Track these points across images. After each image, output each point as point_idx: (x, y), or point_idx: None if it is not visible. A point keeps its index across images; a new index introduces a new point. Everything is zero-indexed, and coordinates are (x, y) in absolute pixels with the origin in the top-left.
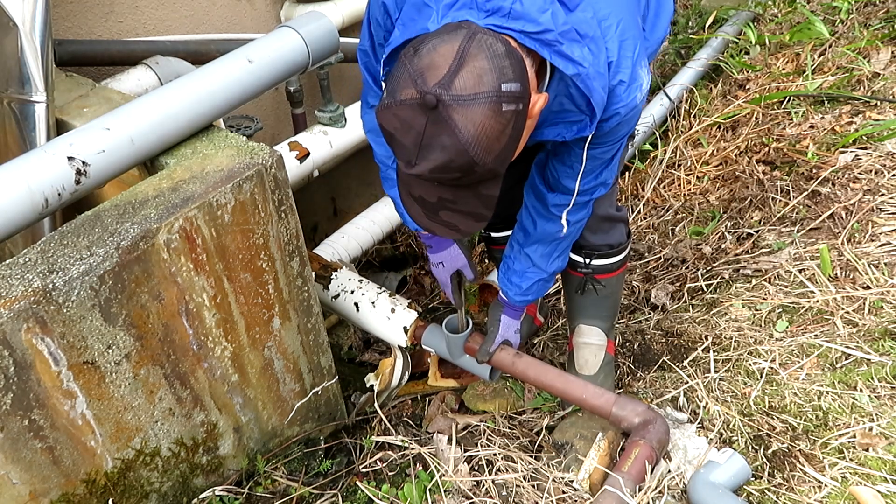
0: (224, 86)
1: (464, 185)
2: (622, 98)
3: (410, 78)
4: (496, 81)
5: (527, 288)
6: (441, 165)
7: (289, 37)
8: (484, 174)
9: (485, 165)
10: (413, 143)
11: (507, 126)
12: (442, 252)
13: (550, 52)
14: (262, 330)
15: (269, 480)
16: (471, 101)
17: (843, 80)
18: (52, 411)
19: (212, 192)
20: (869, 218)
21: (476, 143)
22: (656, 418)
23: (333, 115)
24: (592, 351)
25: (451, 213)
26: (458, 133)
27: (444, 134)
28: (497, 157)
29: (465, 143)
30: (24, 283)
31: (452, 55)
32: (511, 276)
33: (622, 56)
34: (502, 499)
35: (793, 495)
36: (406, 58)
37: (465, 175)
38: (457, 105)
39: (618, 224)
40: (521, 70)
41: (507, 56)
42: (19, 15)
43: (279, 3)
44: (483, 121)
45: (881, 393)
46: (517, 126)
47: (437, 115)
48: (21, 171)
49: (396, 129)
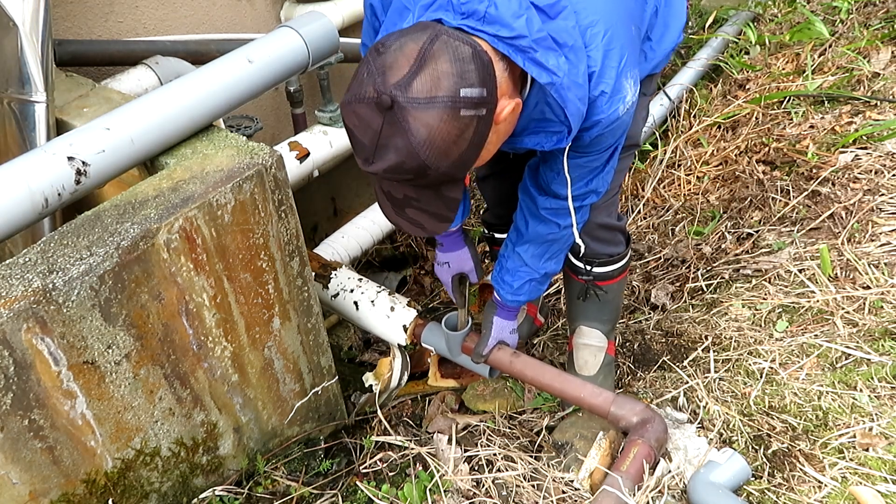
0: (224, 86)
1: (423, 185)
2: (603, 109)
3: (371, 76)
4: (455, 86)
5: (518, 287)
6: (394, 166)
7: (289, 37)
8: (439, 178)
9: (438, 169)
10: (370, 142)
11: (464, 131)
12: (451, 253)
13: (524, 58)
14: (262, 330)
15: (269, 480)
16: (426, 104)
17: (843, 80)
18: (52, 411)
19: (212, 192)
20: (869, 218)
21: (428, 147)
22: (654, 417)
23: (333, 115)
24: (592, 352)
25: (416, 211)
26: (410, 136)
27: (397, 135)
28: (454, 162)
29: (416, 147)
30: (24, 283)
31: (414, 56)
32: (504, 275)
33: (606, 66)
34: (502, 499)
35: (793, 495)
36: (371, 55)
37: (417, 177)
38: (411, 108)
39: (616, 233)
40: (485, 75)
41: (473, 60)
42: (19, 15)
43: (279, 3)
44: (437, 125)
45: (881, 393)
46: (479, 131)
47: (393, 116)
48: (21, 171)
49: (356, 126)
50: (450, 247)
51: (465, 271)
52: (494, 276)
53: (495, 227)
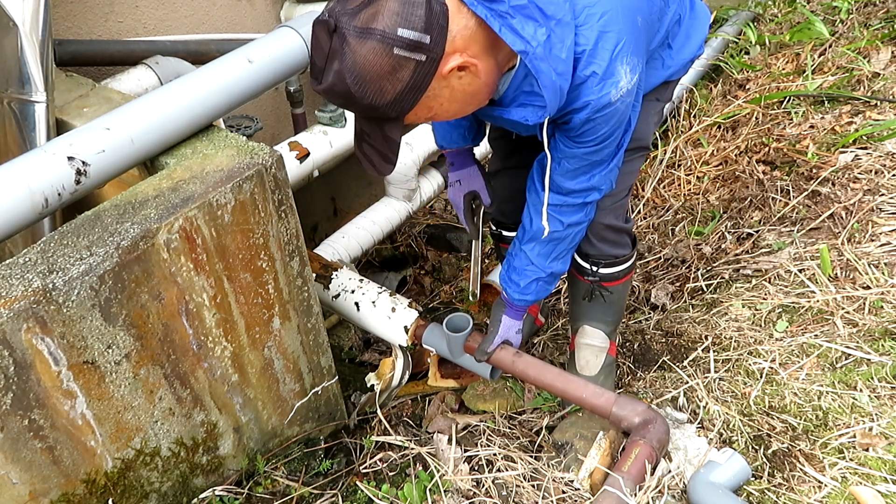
0: (224, 86)
1: (367, 118)
2: (593, 90)
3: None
4: (393, 24)
5: (525, 286)
6: (329, 87)
7: (289, 37)
8: (368, 110)
9: (364, 101)
10: (320, 62)
11: (397, 70)
12: (461, 171)
13: (501, 23)
14: (262, 330)
15: (269, 480)
16: (361, 34)
17: (843, 80)
18: (52, 411)
19: (212, 192)
20: (869, 218)
21: (355, 76)
22: (656, 418)
23: (333, 115)
24: (594, 352)
25: (367, 146)
26: (343, 61)
27: (336, 59)
28: (388, 100)
29: (344, 72)
30: (24, 283)
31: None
32: (511, 274)
33: (599, 47)
34: (502, 499)
35: (793, 495)
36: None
37: (348, 104)
38: (348, 35)
39: (623, 235)
40: (432, 22)
41: (423, 5)
42: (19, 15)
43: (279, 3)
44: (367, 56)
45: (881, 393)
46: (416, 77)
47: (336, 40)
48: (21, 171)
49: (313, 45)
50: (460, 165)
51: (476, 189)
52: (502, 275)
53: (503, 224)
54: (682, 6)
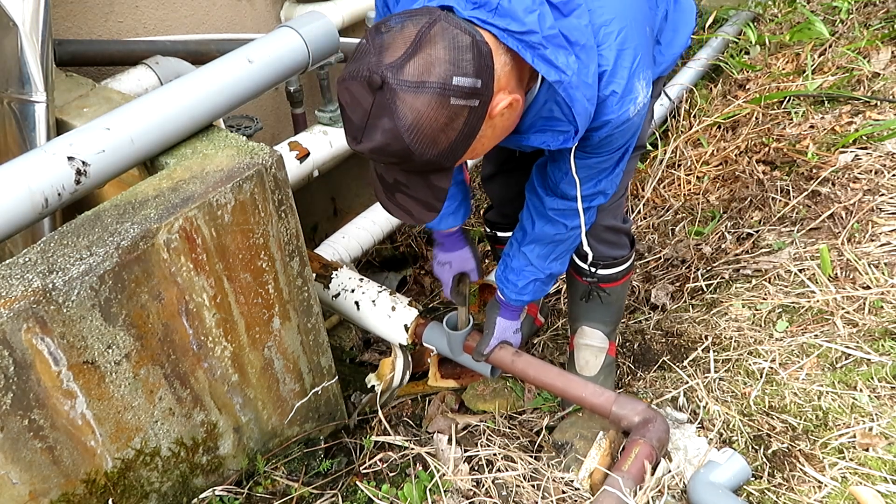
0: (224, 86)
1: (411, 171)
2: (613, 109)
3: (368, 55)
4: (448, 73)
5: (522, 287)
6: (379, 147)
7: (289, 37)
8: (425, 165)
9: (423, 156)
10: (359, 121)
11: (453, 120)
12: (453, 253)
13: (533, 54)
14: (262, 330)
15: (269, 480)
16: (415, 88)
17: (843, 80)
18: (52, 411)
19: (212, 192)
20: (869, 218)
21: (414, 132)
22: (656, 417)
23: (333, 115)
24: (593, 352)
25: (405, 197)
26: (397, 118)
27: (385, 116)
28: (442, 150)
29: (401, 130)
30: (24, 283)
31: (412, 38)
32: (508, 274)
33: (618, 66)
34: (502, 499)
35: (793, 495)
36: (371, 33)
37: (402, 161)
38: (400, 90)
39: (621, 235)
40: (482, 66)
41: (470, 49)
42: (19, 15)
43: (279, 3)
44: (425, 110)
45: (881, 393)
46: (470, 122)
47: (383, 96)
48: (21, 171)
49: (347, 103)
50: (451, 247)
51: (467, 270)
52: (498, 275)
53: (499, 225)
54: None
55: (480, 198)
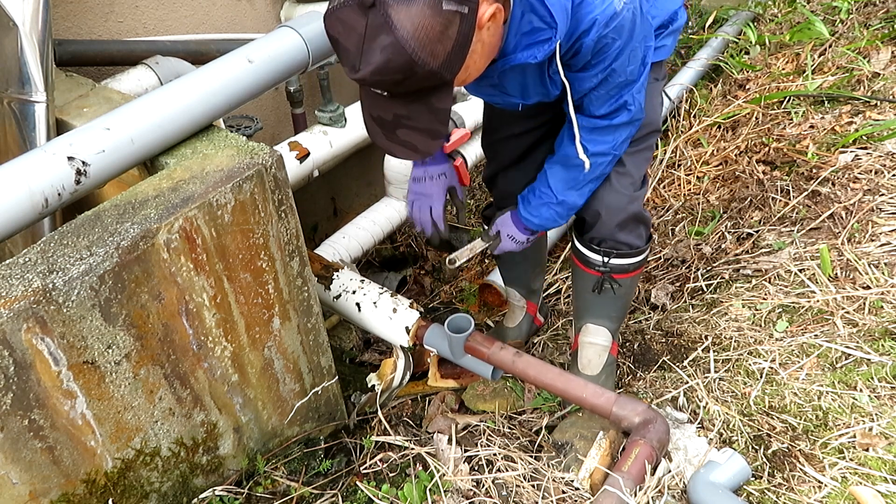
0: (224, 86)
1: (412, 93)
2: (595, 4)
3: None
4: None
5: (535, 207)
6: (381, 66)
7: (289, 37)
8: (427, 77)
9: (425, 66)
10: (355, 46)
11: (448, 26)
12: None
13: None
14: (262, 330)
15: (269, 480)
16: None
17: (843, 80)
18: (52, 411)
19: (212, 192)
20: (869, 218)
21: (415, 41)
22: (657, 418)
23: (333, 115)
24: (597, 351)
25: (407, 130)
26: (395, 31)
27: (382, 33)
28: (442, 61)
29: (402, 41)
30: (24, 283)
31: None
32: (528, 194)
33: None
34: (502, 499)
35: (793, 495)
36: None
37: (406, 77)
38: (394, 2)
39: (641, 226)
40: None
41: None
42: (19, 15)
43: (279, 3)
44: (421, 18)
45: (881, 393)
46: (462, 30)
47: (376, 13)
48: (21, 171)
49: (340, 33)
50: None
51: (455, 184)
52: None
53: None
54: None
55: (480, 197)
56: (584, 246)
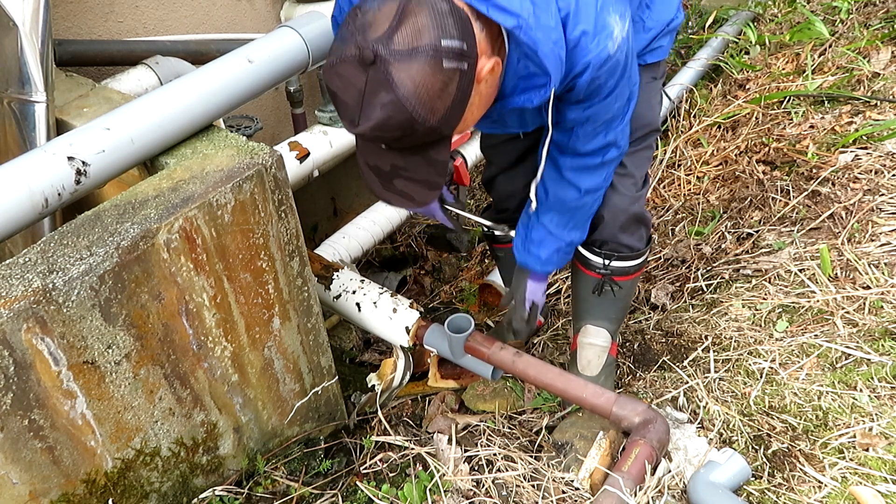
0: (224, 86)
1: (410, 147)
2: (590, 48)
3: (352, 35)
4: (436, 37)
5: (547, 257)
6: (381, 123)
7: (289, 37)
8: (427, 133)
9: (426, 123)
10: (355, 102)
11: (448, 84)
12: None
13: (487, 6)
14: (262, 330)
15: (269, 480)
16: (408, 55)
17: (843, 80)
18: (52, 411)
19: (212, 192)
20: (869, 218)
21: (415, 98)
22: (657, 418)
23: (333, 115)
24: (596, 352)
25: (404, 181)
26: (396, 88)
27: (383, 90)
28: (441, 117)
29: (403, 99)
30: (24, 283)
31: (393, 12)
32: (529, 246)
33: (581, 6)
34: (502, 499)
35: (793, 495)
36: (350, 17)
37: (406, 134)
38: (395, 60)
39: (642, 228)
40: (465, 29)
41: (451, 14)
42: (19, 15)
43: (279, 3)
44: (422, 76)
45: (881, 393)
46: (462, 87)
47: (376, 70)
48: (21, 171)
49: (339, 87)
50: None
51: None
52: (518, 248)
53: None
54: None
55: (480, 197)
56: (584, 248)
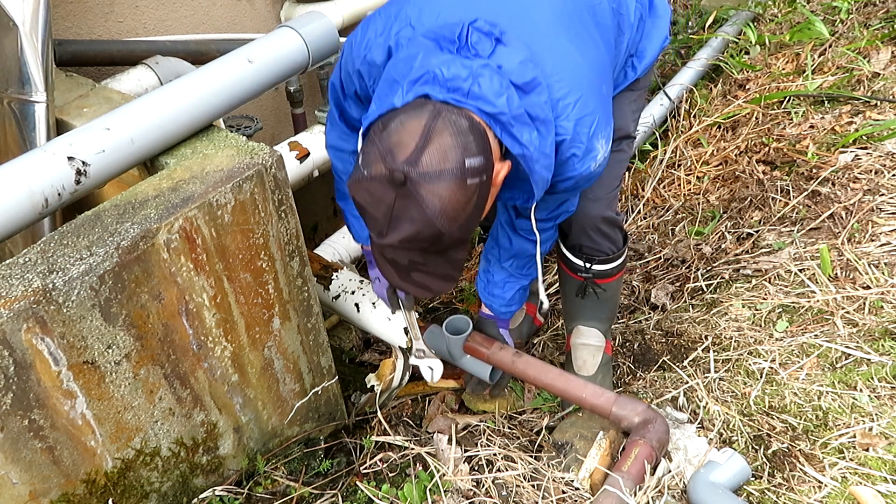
0: (224, 86)
1: (432, 251)
2: (577, 168)
3: (380, 154)
4: (460, 157)
5: (510, 298)
6: (410, 237)
7: (289, 37)
8: (452, 242)
9: (451, 235)
10: (384, 216)
11: (471, 197)
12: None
13: (501, 130)
14: (262, 330)
15: (269, 480)
16: (436, 177)
17: (843, 80)
18: (52, 411)
19: (212, 192)
20: (869, 218)
21: (442, 215)
22: (656, 418)
23: None
24: (591, 352)
25: (422, 274)
26: (425, 207)
27: (412, 208)
28: (462, 225)
29: (432, 216)
30: (24, 283)
31: (419, 132)
32: (493, 290)
33: (577, 133)
34: (502, 499)
35: (793, 495)
36: (375, 134)
37: (433, 244)
38: (423, 181)
39: (616, 229)
40: (483, 143)
41: (471, 131)
42: (19, 15)
43: (279, 3)
44: (449, 195)
45: (881, 393)
46: (482, 195)
47: (406, 190)
48: (21, 171)
49: (368, 202)
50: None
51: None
52: (482, 293)
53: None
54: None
55: None
56: (567, 250)
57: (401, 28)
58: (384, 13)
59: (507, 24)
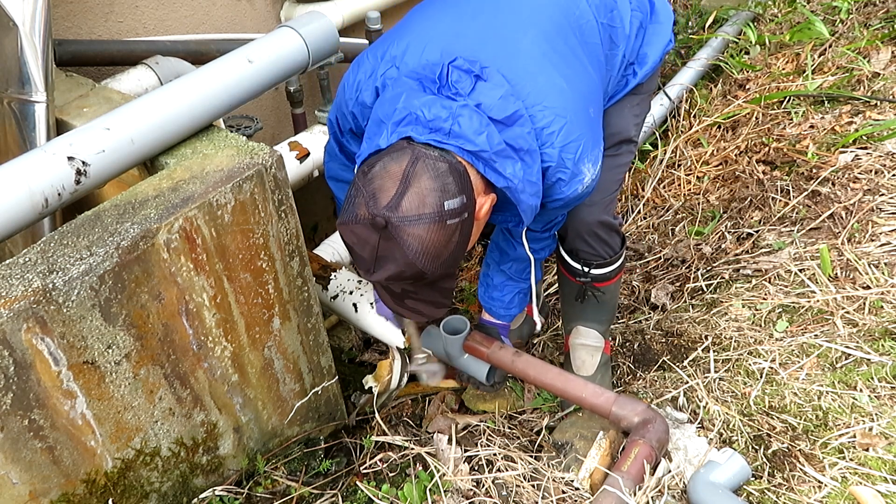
0: (224, 86)
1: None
2: (564, 191)
3: (364, 199)
4: (439, 200)
5: (509, 301)
6: (394, 275)
7: (289, 37)
8: (436, 278)
9: (434, 272)
10: (369, 256)
11: (452, 236)
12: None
13: (484, 166)
14: (262, 330)
15: (269, 480)
16: (416, 221)
17: (843, 80)
18: (52, 411)
19: (212, 192)
20: (869, 218)
21: (423, 256)
22: (656, 418)
23: None
24: (589, 352)
25: (414, 301)
26: (406, 249)
27: (395, 249)
28: (445, 262)
29: (413, 257)
30: (24, 283)
31: (399, 177)
32: (492, 293)
33: (563, 159)
34: (502, 499)
35: (793, 495)
36: (359, 178)
37: (417, 280)
38: (403, 225)
39: (613, 234)
40: (463, 183)
41: (450, 172)
42: (19, 15)
43: (279, 3)
44: (429, 237)
45: (881, 393)
46: (464, 232)
47: (388, 233)
48: (21, 171)
49: (354, 243)
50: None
51: None
52: (482, 296)
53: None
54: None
55: None
56: (566, 254)
57: (387, 69)
58: (372, 54)
59: (488, 59)
